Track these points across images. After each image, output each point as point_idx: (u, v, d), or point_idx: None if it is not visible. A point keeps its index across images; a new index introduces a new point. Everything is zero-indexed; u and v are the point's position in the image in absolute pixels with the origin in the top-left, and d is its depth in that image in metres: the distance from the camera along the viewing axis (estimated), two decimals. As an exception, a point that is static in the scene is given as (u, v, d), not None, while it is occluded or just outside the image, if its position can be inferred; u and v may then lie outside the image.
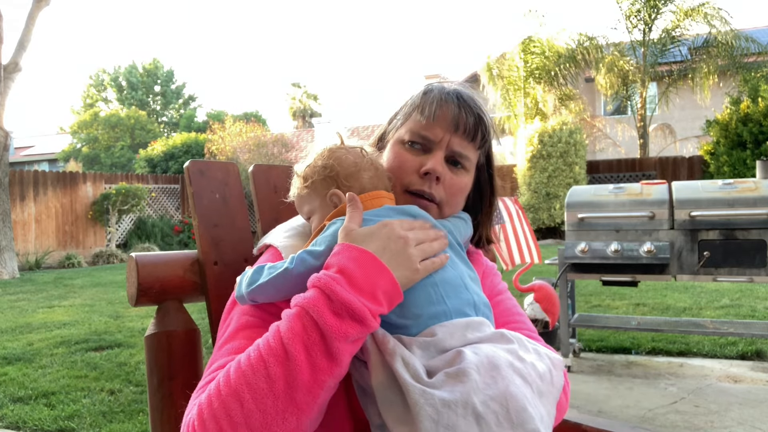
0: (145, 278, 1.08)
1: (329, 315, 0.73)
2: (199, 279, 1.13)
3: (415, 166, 0.97)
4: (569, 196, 3.71)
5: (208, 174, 1.16)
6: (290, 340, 0.73)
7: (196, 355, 1.12)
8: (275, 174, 1.27)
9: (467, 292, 0.86)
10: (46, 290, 8.31)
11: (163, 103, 36.22)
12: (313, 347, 0.72)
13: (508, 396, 0.73)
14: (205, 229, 1.13)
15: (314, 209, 0.96)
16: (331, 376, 0.74)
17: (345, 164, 0.95)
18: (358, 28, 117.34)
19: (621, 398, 3.32)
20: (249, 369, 0.73)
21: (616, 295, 6.24)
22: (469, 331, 0.81)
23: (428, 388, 0.73)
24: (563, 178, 13.10)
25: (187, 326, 1.11)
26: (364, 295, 0.75)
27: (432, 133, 0.97)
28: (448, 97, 0.99)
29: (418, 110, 0.99)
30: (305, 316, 0.74)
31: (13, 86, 10.68)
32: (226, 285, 1.10)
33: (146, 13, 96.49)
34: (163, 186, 15.65)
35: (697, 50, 14.92)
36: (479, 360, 0.75)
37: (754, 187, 3.32)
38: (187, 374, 1.09)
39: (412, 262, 0.80)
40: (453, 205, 1.00)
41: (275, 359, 0.72)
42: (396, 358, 0.76)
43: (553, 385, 0.81)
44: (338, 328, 0.73)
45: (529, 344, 0.84)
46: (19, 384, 3.85)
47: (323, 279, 0.76)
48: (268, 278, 0.83)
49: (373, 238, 0.81)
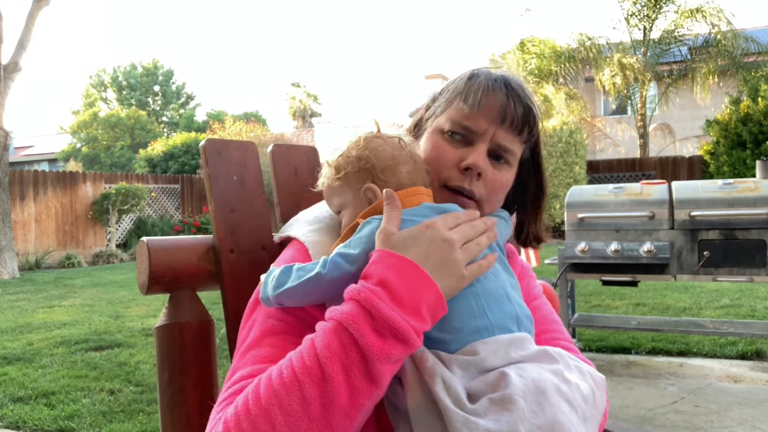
0: (157, 265, 1.00)
1: (370, 334, 0.66)
2: (214, 267, 1.06)
3: (455, 160, 0.89)
4: (569, 195, 3.71)
5: (225, 154, 1.08)
6: (327, 359, 0.66)
7: (210, 348, 1.05)
8: (296, 155, 1.18)
9: (510, 304, 0.80)
10: (46, 290, 8.31)
11: (162, 103, 36.20)
12: (352, 368, 0.66)
13: (556, 425, 0.68)
14: (221, 215, 1.05)
15: (346, 203, 0.88)
16: (371, 399, 0.68)
17: (382, 156, 0.86)
18: (358, 28, 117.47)
19: (621, 398, 3.32)
20: (282, 388, 0.67)
21: (616, 295, 6.24)
22: (512, 349, 0.75)
23: (471, 416, 0.68)
24: (563, 178, 13.10)
25: (200, 317, 1.05)
26: (408, 312, 0.68)
27: (475, 124, 0.89)
28: (495, 85, 0.90)
29: (461, 97, 0.90)
30: (343, 333, 0.67)
31: (13, 86, 10.67)
32: (243, 274, 1.05)
33: (146, 13, 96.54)
34: (163, 186, 15.65)
35: (697, 50, 14.92)
36: (525, 385, 0.70)
37: (754, 187, 3.32)
38: (200, 368, 1.03)
39: (458, 268, 0.73)
40: (493, 202, 0.93)
41: (311, 380, 0.66)
42: (436, 380, 0.70)
43: (596, 407, 0.76)
44: (380, 348, 0.66)
45: (572, 361, 0.78)
46: (19, 384, 3.85)
47: (363, 292, 0.68)
48: (297, 282, 0.76)
49: (414, 242, 0.73)
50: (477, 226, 0.79)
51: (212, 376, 1.05)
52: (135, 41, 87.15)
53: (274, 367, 0.70)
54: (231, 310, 1.04)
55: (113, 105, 35.42)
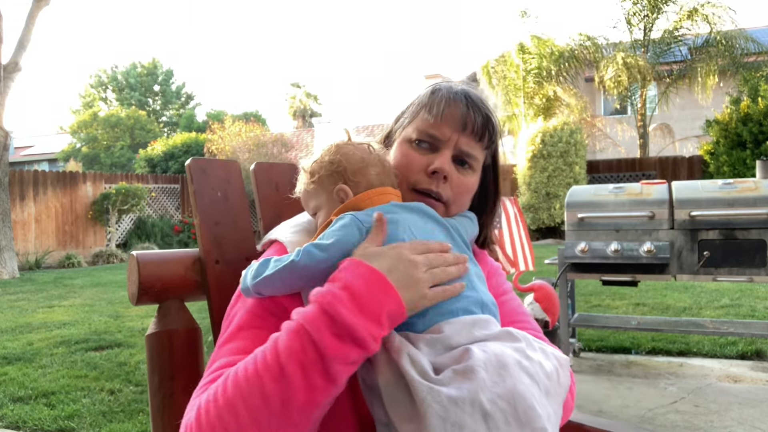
0: (146, 277, 1.07)
1: (329, 337, 0.71)
2: (201, 278, 1.12)
3: (423, 165, 0.97)
4: (569, 195, 3.71)
5: (209, 172, 1.16)
6: (287, 359, 0.71)
7: (198, 354, 1.12)
8: (277, 172, 1.26)
9: (474, 291, 0.86)
10: (46, 290, 8.31)
11: (162, 102, 36.21)
12: (310, 367, 0.71)
13: (516, 394, 0.72)
14: (206, 228, 1.12)
15: (320, 204, 0.96)
16: (328, 396, 0.73)
17: (352, 160, 0.94)
18: (358, 28, 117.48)
19: (621, 398, 3.32)
20: (245, 383, 0.73)
21: (616, 295, 6.24)
22: (476, 329, 0.80)
23: (435, 385, 0.72)
24: (563, 178, 13.10)
25: (188, 325, 1.11)
26: (369, 318, 0.73)
27: (440, 132, 0.97)
28: (456, 97, 0.98)
29: (425, 109, 0.99)
30: (304, 335, 0.72)
31: (13, 86, 10.67)
32: (228, 284, 1.10)
33: (146, 13, 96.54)
34: (163, 186, 15.65)
35: (698, 50, 14.93)
36: (487, 357, 0.74)
37: (754, 187, 3.32)
38: (189, 374, 1.09)
39: (420, 287, 0.78)
40: (460, 204, 1.00)
41: (270, 376, 0.71)
42: (402, 356, 0.75)
43: (560, 385, 0.81)
44: (338, 350, 0.71)
45: (536, 343, 0.83)
46: (19, 384, 3.85)
47: (327, 296, 0.73)
48: (273, 270, 0.82)
49: (382, 256, 0.79)
50: (446, 258, 0.84)
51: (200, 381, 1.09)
52: (135, 41, 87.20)
53: (241, 363, 0.76)
54: (217, 319, 1.09)
55: (113, 105, 35.42)
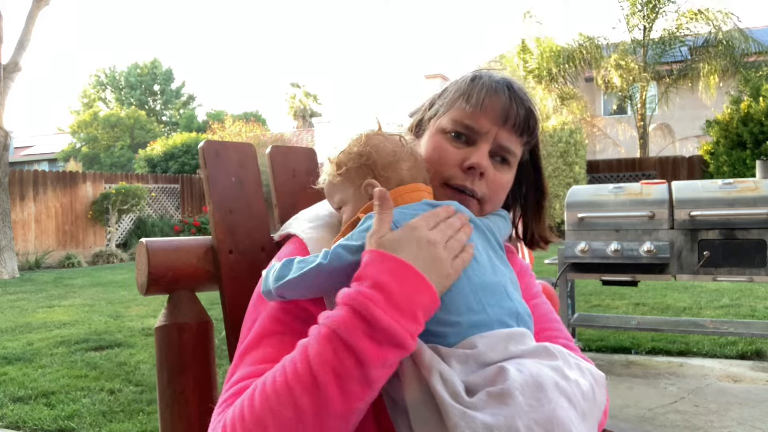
0: (156, 266, 1.01)
1: (366, 341, 0.66)
2: (213, 268, 1.06)
3: (458, 159, 0.90)
4: (569, 195, 3.71)
5: (223, 155, 1.08)
6: (319, 367, 0.66)
7: (209, 349, 1.06)
8: (294, 157, 1.19)
9: (509, 301, 0.80)
10: (46, 290, 8.31)
11: (162, 102, 36.21)
12: (346, 375, 0.66)
13: (555, 420, 0.67)
14: (220, 216, 1.05)
15: (346, 199, 0.89)
16: (365, 402, 0.68)
17: (383, 153, 0.87)
18: (358, 28, 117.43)
19: (621, 398, 3.32)
20: (274, 396, 0.67)
21: (616, 295, 6.24)
22: (511, 344, 0.75)
23: (469, 409, 0.67)
24: (563, 178, 13.10)
25: (199, 318, 1.05)
26: (405, 317, 0.67)
27: (478, 124, 0.90)
28: (498, 86, 0.91)
29: (464, 98, 0.91)
30: (336, 340, 0.66)
31: (13, 86, 10.67)
32: (242, 275, 1.06)
33: (146, 13, 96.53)
34: (163, 186, 15.65)
35: (698, 50, 14.93)
36: (524, 379, 0.69)
37: (754, 187, 3.32)
38: (199, 369, 1.03)
39: (444, 266, 0.73)
40: (495, 202, 0.94)
41: (302, 387, 0.66)
42: (433, 374, 0.70)
43: (595, 404, 0.76)
44: (377, 355, 0.66)
45: (572, 359, 0.78)
46: (19, 384, 3.85)
47: (357, 297, 0.67)
48: (298, 273, 0.76)
49: (403, 244, 0.73)
50: (454, 224, 0.79)
51: (211, 377, 1.06)
52: (135, 41, 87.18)
53: (268, 373, 0.71)
54: (230, 311, 1.04)
55: (112, 105, 35.41)
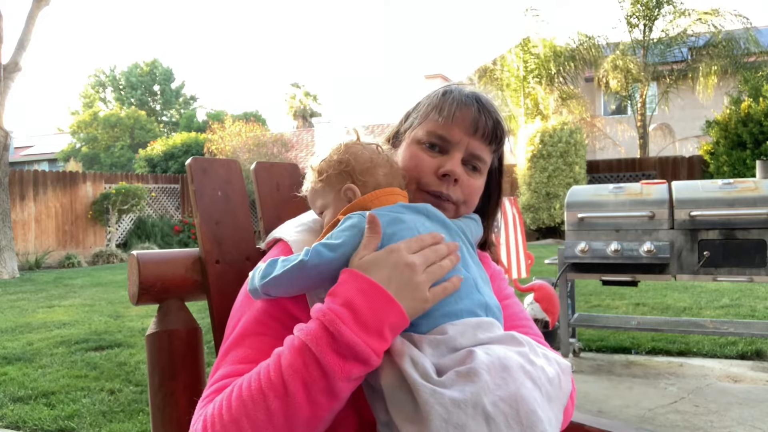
0: (146, 277, 1.07)
1: (332, 355, 0.71)
2: (201, 277, 1.12)
3: (433, 167, 0.97)
4: (569, 195, 3.71)
5: (210, 171, 1.15)
6: (290, 377, 0.72)
7: (198, 354, 1.11)
8: (277, 171, 1.26)
9: (479, 294, 0.86)
10: (46, 290, 8.31)
11: (162, 102, 36.21)
12: (313, 385, 0.72)
13: (519, 398, 0.72)
14: (207, 227, 1.12)
15: (328, 203, 0.96)
16: (330, 411, 0.74)
17: (360, 159, 0.94)
18: (358, 28, 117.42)
19: (621, 398, 3.32)
20: (249, 399, 0.73)
21: (616, 295, 6.24)
22: (480, 331, 0.80)
23: (438, 387, 0.72)
24: (563, 178, 13.10)
25: (188, 325, 1.11)
26: (371, 334, 0.73)
27: (450, 134, 0.97)
28: (467, 100, 0.99)
29: (436, 111, 0.99)
30: (306, 352, 0.72)
31: (13, 86, 10.68)
32: (228, 284, 1.10)
33: (146, 13, 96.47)
34: (163, 186, 15.65)
35: (698, 50, 14.93)
36: (490, 360, 0.74)
37: (754, 187, 3.33)
38: (189, 373, 1.08)
39: (420, 291, 0.77)
40: (469, 205, 1.01)
41: (274, 394, 0.72)
42: (404, 358, 0.75)
43: (561, 390, 0.81)
44: (341, 368, 0.71)
45: (539, 348, 0.83)
46: (19, 384, 3.85)
47: (328, 314, 0.73)
48: (282, 270, 0.81)
49: (379, 266, 0.77)
50: (440, 250, 0.83)
51: (200, 381, 1.10)
52: (135, 41, 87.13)
53: (246, 376, 0.77)
54: (217, 318, 1.09)
55: (112, 105, 35.42)
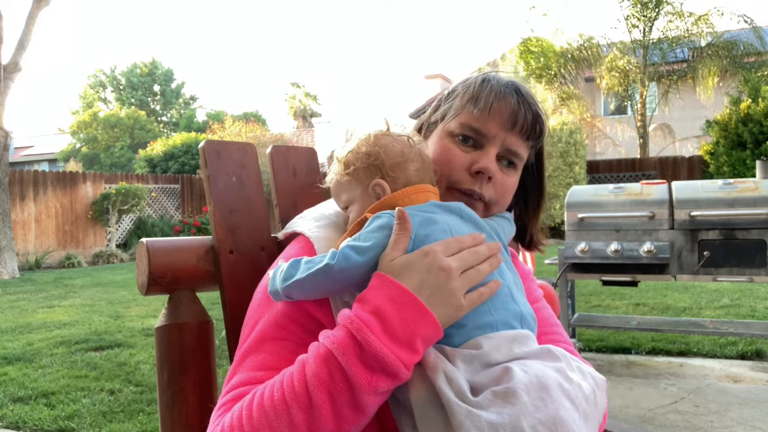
0: (156, 266, 1.01)
1: (359, 366, 0.67)
2: (214, 268, 1.06)
3: (466, 163, 0.90)
4: (569, 195, 3.71)
5: (224, 155, 1.09)
6: (315, 387, 0.68)
7: (209, 349, 1.06)
8: (294, 156, 1.19)
9: (514, 303, 0.81)
10: (46, 290, 8.31)
11: (162, 103, 36.21)
12: (339, 397, 0.67)
13: (558, 420, 0.68)
14: (220, 215, 1.06)
15: (354, 199, 0.89)
16: (356, 426, 0.70)
17: (391, 153, 0.87)
18: (358, 28, 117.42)
19: (621, 398, 3.32)
20: (272, 410, 0.69)
21: (616, 295, 6.24)
22: (515, 345, 0.75)
23: (474, 408, 0.68)
24: (563, 178, 13.10)
25: (200, 318, 1.05)
26: (401, 346, 0.68)
27: (486, 128, 0.90)
28: (506, 90, 0.91)
29: (472, 101, 0.91)
30: (332, 362, 0.68)
31: (13, 86, 10.67)
32: (242, 275, 1.06)
33: (146, 13, 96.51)
34: (163, 186, 15.65)
35: (698, 50, 14.92)
36: (529, 379, 0.70)
37: (754, 187, 3.32)
38: (200, 369, 1.04)
39: (455, 297, 0.72)
40: (502, 205, 0.95)
41: (298, 405, 0.68)
42: (438, 374, 0.71)
43: (597, 408, 0.76)
44: (368, 381, 0.67)
45: (574, 362, 0.78)
46: (19, 384, 3.85)
47: (356, 321, 0.69)
48: (306, 273, 0.76)
49: (411, 270, 0.72)
50: (480, 252, 0.78)
51: (212, 377, 1.06)
52: (135, 41, 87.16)
53: (267, 384, 0.72)
54: (230, 311, 1.04)
55: (112, 105, 35.41)
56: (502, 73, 0.97)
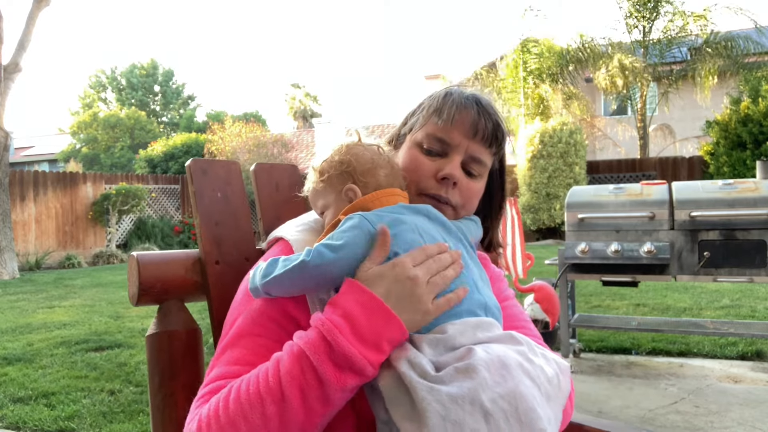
0: (146, 278, 1.07)
1: (328, 364, 0.73)
2: (201, 278, 1.12)
3: (432, 171, 0.97)
4: (569, 196, 3.71)
5: (210, 172, 1.16)
6: (288, 384, 0.74)
7: (198, 355, 1.12)
8: (277, 172, 1.26)
9: (479, 294, 0.86)
10: (46, 290, 8.31)
11: (162, 103, 36.22)
12: (309, 392, 0.74)
13: (518, 395, 0.72)
14: (206, 228, 1.12)
15: (329, 204, 0.96)
16: (325, 417, 0.76)
17: (362, 160, 0.94)
18: (358, 29, 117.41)
19: (621, 398, 3.32)
20: (247, 403, 0.75)
21: (617, 296, 6.24)
22: (479, 331, 0.81)
23: (436, 384, 0.72)
24: (563, 179, 13.10)
25: (188, 326, 1.11)
26: (367, 347, 0.74)
27: (450, 138, 0.97)
28: (467, 102, 0.99)
29: (436, 114, 0.99)
30: (304, 360, 0.74)
31: (13, 87, 10.68)
32: (228, 285, 1.10)
33: (146, 13, 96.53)
34: (163, 186, 15.65)
35: (698, 50, 14.92)
36: (489, 358, 0.74)
37: (754, 188, 3.32)
38: (189, 374, 1.09)
39: (422, 303, 0.79)
40: (468, 209, 1.01)
41: (272, 399, 0.74)
42: (401, 361, 0.76)
43: (560, 390, 0.81)
44: (337, 378, 0.73)
45: (538, 348, 0.84)
46: (20, 384, 3.85)
47: (327, 324, 0.75)
48: (283, 270, 0.81)
49: (382, 279, 0.79)
50: (443, 260, 0.84)
51: (200, 381, 1.10)
52: (135, 42, 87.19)
53: (244, 379, 0.78)
54: (217, 319, 1.09)
55: (113, 105, 35.42)
56: (464, 88, 1.05)
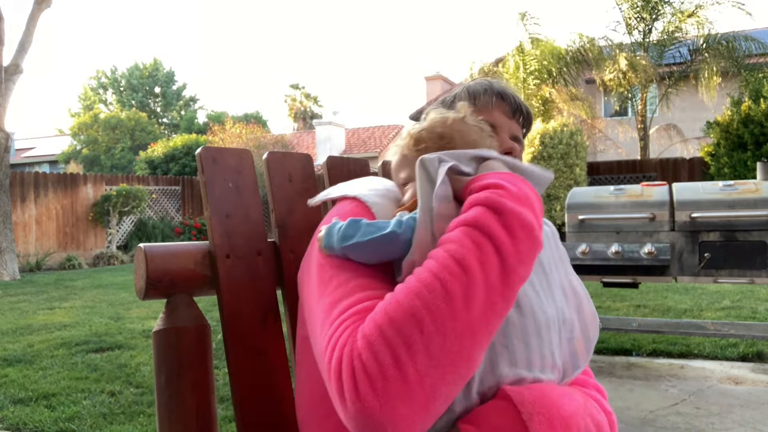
0: (154, 271, 1.02)
1: (500, 230, 0.69)
2: (211, 272, 1.08)
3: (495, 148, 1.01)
4: (570, 197, 3.71)
5: (221, 161, 1.11)
6: (463, 256, 0.67)
7: (206, 352, 1.07)
8: (290, 162, 1.22)
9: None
10: (47, 292, 8.31)
11: (163, 104, 36.23)
12: (487, 263, 0.67)
13: None
14: (217, 220, 1.08)
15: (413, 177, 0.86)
16: (503, 300, 0.68)
17: (467, 139, 0.88)
18: (357, 30, 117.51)
19: (622, 400, 3.32)
20: (423, 288, 0.66)
21: (617, 297, 6.23)
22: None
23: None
24: (564, 180, 13.09)
25: (197, 322, 1.07)
26: (527, 208, 0.73)
27: (494, 119, 1.05)
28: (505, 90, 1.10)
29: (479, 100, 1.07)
30: (473, 232, 0.69)
31: (14, 88, 10.68)
32: (238, 279, 1.07)
33: (146, 14, 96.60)
34: (164, 187, 15.65)
35: (698, 51, 14.92)
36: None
37: (755, 189, 3.32)
38: (197, 372, 1.05)
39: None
40: None
41: (451, 276, 0.66)
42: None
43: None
44: (510, 243, 0.69)
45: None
46: (20, 385, 3.85)
47: (481, 196, 0.73)
48: (369, 238, 0.75)
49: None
50: None
51: (209, 380, 1.07)
52: (135, 42, 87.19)
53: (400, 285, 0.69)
54: (227, 314, 1.06)
55: (113, 107, 35.44)
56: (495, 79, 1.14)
